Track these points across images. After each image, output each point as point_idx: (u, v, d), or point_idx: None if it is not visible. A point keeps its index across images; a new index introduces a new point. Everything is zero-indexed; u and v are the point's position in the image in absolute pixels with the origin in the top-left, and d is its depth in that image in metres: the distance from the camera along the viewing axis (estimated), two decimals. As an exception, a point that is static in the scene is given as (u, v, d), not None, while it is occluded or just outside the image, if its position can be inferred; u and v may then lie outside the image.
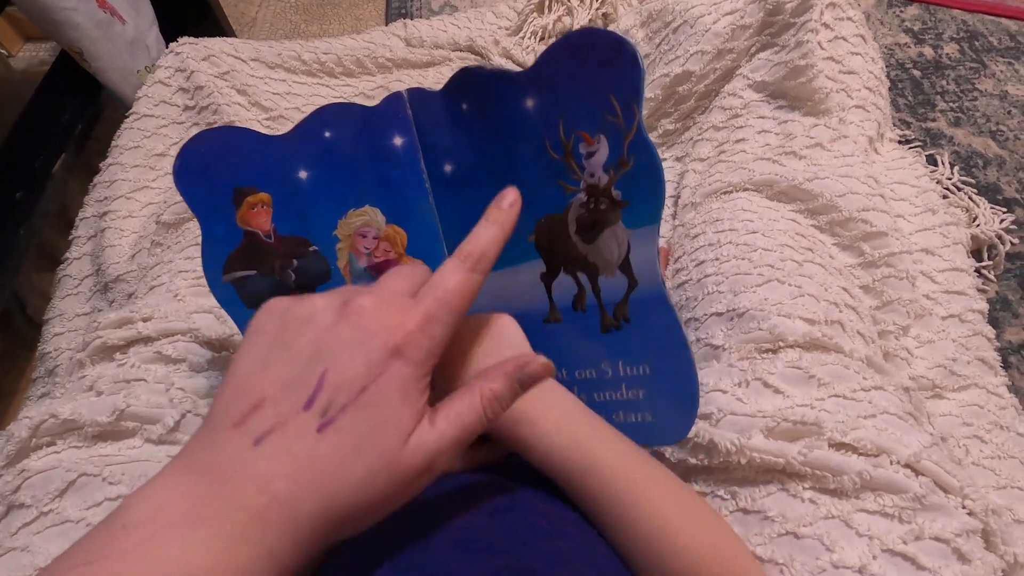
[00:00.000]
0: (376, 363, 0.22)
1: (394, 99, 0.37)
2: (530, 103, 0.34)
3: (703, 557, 0.30)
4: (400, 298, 0.24)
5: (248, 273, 0.37)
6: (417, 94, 0.37)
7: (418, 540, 0.26)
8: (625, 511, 0.30)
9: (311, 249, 0.38)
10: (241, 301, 0.37)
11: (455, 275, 0.26)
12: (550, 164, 0.35)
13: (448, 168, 0.37)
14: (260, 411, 0.22)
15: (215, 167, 0.36)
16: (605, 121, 0.33)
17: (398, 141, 0.37)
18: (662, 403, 0.36)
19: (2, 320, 0.69)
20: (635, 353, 0.36)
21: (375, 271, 0.39)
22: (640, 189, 0.33)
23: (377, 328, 0.23)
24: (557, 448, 0.31)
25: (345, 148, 0.37)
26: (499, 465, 0.35)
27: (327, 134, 0.37)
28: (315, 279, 0.38)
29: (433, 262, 0.38)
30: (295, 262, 0.38)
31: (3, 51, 1.08)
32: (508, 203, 0.29)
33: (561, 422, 0.31)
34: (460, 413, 0.24)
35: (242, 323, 0.37)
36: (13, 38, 1.11)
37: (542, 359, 0.26)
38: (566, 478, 0.31)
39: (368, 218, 0.38)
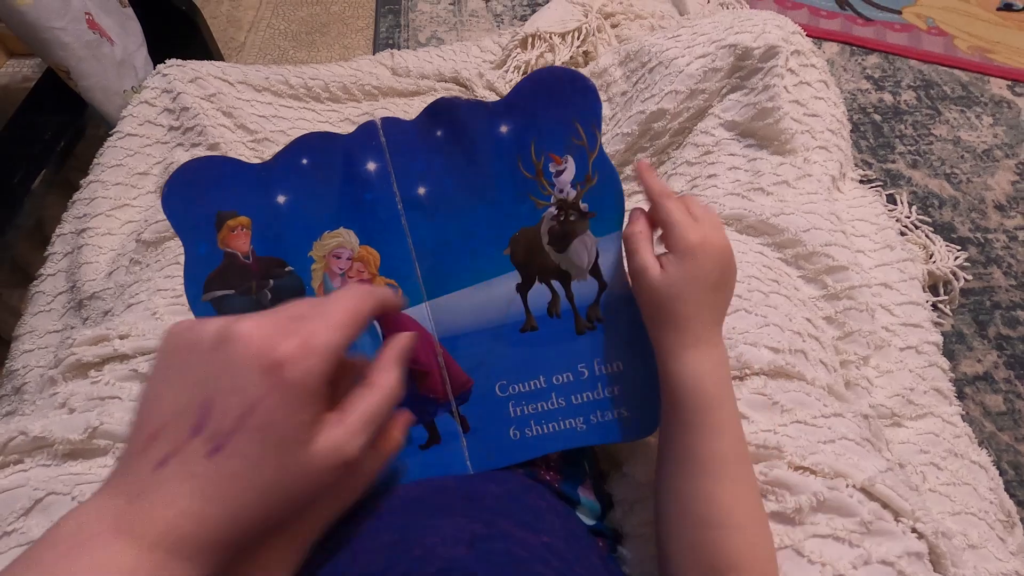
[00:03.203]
0: (255, 385, 0.23)
1: (368, 127, 0.40)
2: (504, 128, 0.39)
3: (740, 549, 0.32)
4: (285, 319, 0.25)
5: (226, 293, 0.39)
6: (390, 122, 0.40)
7: (397, 574, 0.27)
8: (707, 463, 0.33)
9: (287, 270, 0.40)
10: None
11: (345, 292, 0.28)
12: (523, 182, 0.39)
13: (422, 191, 0.40)
14: (158, 439, 0.23)
15: (200, 193, 0.38)
16: (571, 143, 0.38)
17: (371, 166, 0.40)
18: (636, 396, 0.39)
19: (-31, 336, 0.68)
20: (609, 351, 0.39)
21: None
22: (604, 201, 0.39)
23: (254, 352, 0.24)
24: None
25: (321, 174, 0.40)
26: (475, 494, 0.35)
27: (304, 161, 0.40)
28: (290, 299, 0.39)
29: (406, 281, 0.40)
30: (271, 282, 0.39)
31: (-15, 66, 1.08)
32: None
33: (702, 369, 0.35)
34: (368, 406, 0.27)
35: None
36: (-4, 53, 1.11)
37: (405, 332, 0.30)
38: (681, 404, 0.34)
39: (342, 240, 0.40)
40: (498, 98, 0.84)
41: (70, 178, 0.73)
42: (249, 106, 0.74)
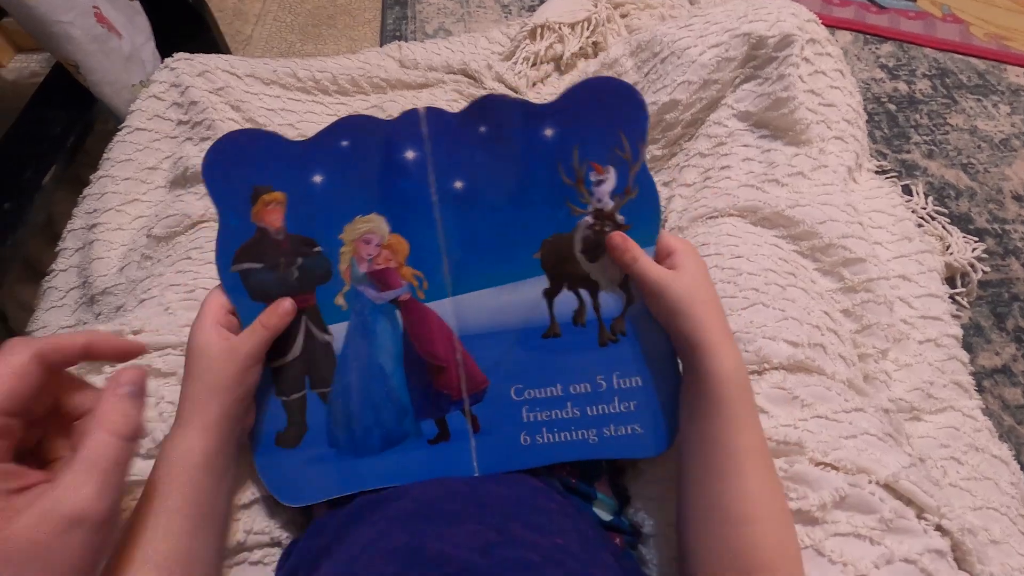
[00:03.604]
0: None
1: (410, 115, 0.39)
2: (548, 132, 0.38)
3: (768, 547, 0.31)
4: None
5: (254, 266, 0.39)
6: (434, 113, 0.39)
7: None
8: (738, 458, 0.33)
9: (316, 250, 0.40)
10: (246, 291, 0.39)
11: None
12: (561, 188, 0.39)
13: (459, 184, 0.39)
14: None
15: (239, 164, 0.38)
16: (615, 155, 0.38)
17: (410, 155, 0.39)
18: (652, 413, 0.39)
19: (-18, 332, 0.68)
20: (629, 365, 0.39)
21: (374, 277, 0.40)
22: (641, 215, 0.38)
23: None
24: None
25: (359, 157, 0.39)
26: (486, 499, 0.35)
27: (344, 143, 0.39)
28: (316, 279, 0.40)
29: (432, 274, 0.40)
30: (300, 260, 0.40)
31: (-7, 61, 1.08)
32: None
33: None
34: (83, 457, 0.25)
35: (244, 311, 0.39)
36: (4, 48, 1.10)
37: (127, 369, 0.27)
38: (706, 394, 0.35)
39: (373, 225, 0.40)
40: (507, 89, 0.84)
41: (80, 174, 0.72)
42: (257, 99, 0.74)
